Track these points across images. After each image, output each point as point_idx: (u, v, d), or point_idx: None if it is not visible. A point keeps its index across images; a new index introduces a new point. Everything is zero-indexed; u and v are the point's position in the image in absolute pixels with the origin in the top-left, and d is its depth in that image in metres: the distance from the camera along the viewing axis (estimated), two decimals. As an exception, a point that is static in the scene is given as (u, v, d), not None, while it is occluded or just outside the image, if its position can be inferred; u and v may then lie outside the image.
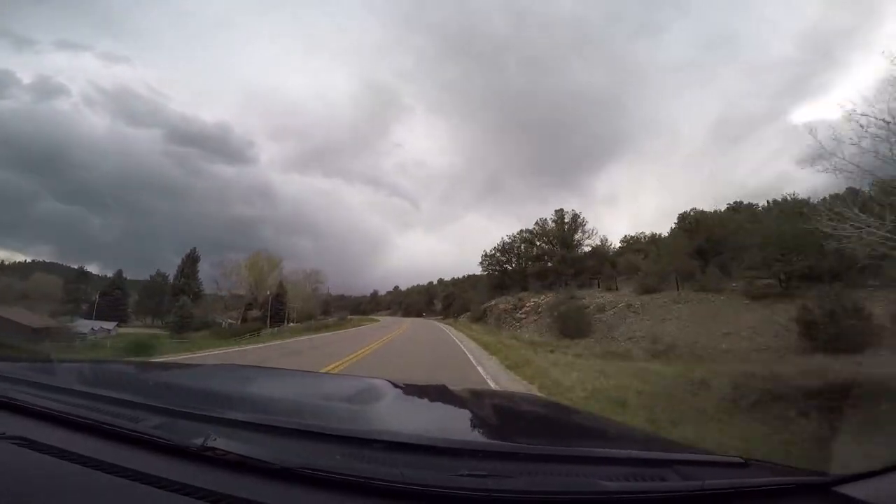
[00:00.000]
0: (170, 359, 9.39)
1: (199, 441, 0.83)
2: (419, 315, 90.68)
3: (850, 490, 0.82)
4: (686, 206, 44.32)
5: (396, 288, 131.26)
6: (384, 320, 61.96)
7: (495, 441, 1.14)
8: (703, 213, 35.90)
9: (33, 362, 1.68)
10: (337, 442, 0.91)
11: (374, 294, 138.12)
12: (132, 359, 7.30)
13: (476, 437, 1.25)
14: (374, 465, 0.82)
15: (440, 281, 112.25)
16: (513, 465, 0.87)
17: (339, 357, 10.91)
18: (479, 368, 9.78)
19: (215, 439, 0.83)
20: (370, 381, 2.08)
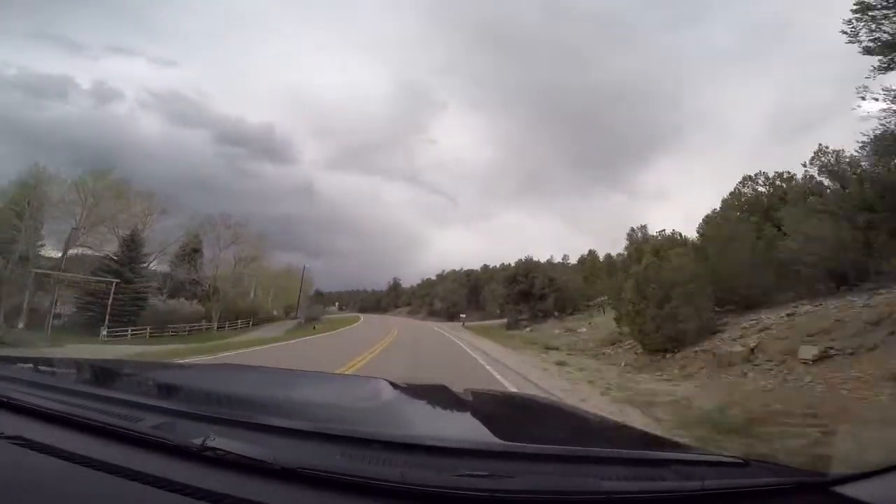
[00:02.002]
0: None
1: (198, 441, 0.82)
2: (454, 318, 54.39)
3: (850, 490, 0.82)
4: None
5: (427, 279, 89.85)
6: (359, 325, 35.61)
7: (495, 441, 1.14)
8: None
9: (32, 362, 1.68)
10: (337, 442, 0.91)
11: (395, 284, 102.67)
12: (132, 359, 7.29)
13: (476, 437, 1.25)
14: (375, 465, 0.82)
15: (485, 267, 72.35)
16: (513, 465, 0.87)
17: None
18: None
19: (215, 439, 0.83)
20: (370, 380, 2.08)
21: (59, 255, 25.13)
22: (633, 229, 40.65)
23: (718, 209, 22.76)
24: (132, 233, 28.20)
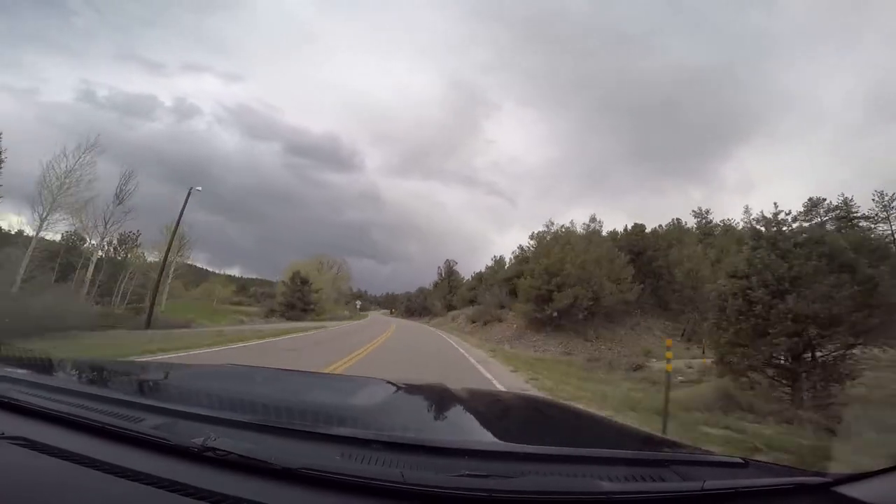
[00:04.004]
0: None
1: (199, 441, 0.83)
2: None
3: (849, 490, 0.82)
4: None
5: (505, 258, 44.93)
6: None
7: (495, 441, 1.14)
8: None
9: (33, 362, 1.69)
10: (337, 442, 0.91)
11: (448, 272, 59.22)
12: (133, 359, 7.29)
13: (476, 437, 1.25)
14: (375, 465, 0.82)
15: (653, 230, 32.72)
16: (513, 466, 0.87)
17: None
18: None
19: (215, 439, 0.83)
20: (370, 381, 2.08)
21: None
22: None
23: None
24: None
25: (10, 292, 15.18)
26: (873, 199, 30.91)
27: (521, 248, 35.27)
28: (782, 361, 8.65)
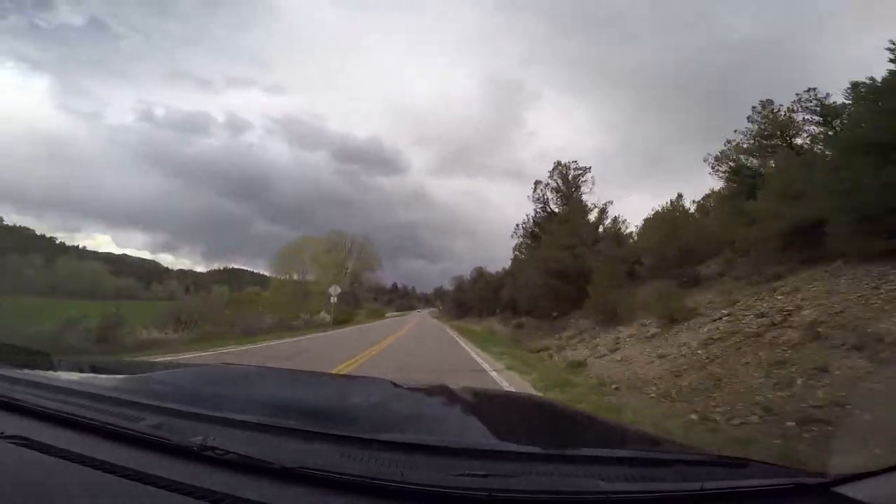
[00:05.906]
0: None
1: (198, 441, 0.83)
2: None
3: (849, 490, 0.82)
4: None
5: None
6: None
7: (495, 441, 1.14)
8: None
9: (33, 362, 1.69)
10: (337, 442, 0.91)
11: (568, 192, 23.39)
12: (132, 359, 7.29)
13: (476, 437, 1.25)
14: (375, 465, 0.82)
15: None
16: (513, 465, 0.87)
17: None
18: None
19: (215, 439, 0.83)
20: (370, 380, 2.09)
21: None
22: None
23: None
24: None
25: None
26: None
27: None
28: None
